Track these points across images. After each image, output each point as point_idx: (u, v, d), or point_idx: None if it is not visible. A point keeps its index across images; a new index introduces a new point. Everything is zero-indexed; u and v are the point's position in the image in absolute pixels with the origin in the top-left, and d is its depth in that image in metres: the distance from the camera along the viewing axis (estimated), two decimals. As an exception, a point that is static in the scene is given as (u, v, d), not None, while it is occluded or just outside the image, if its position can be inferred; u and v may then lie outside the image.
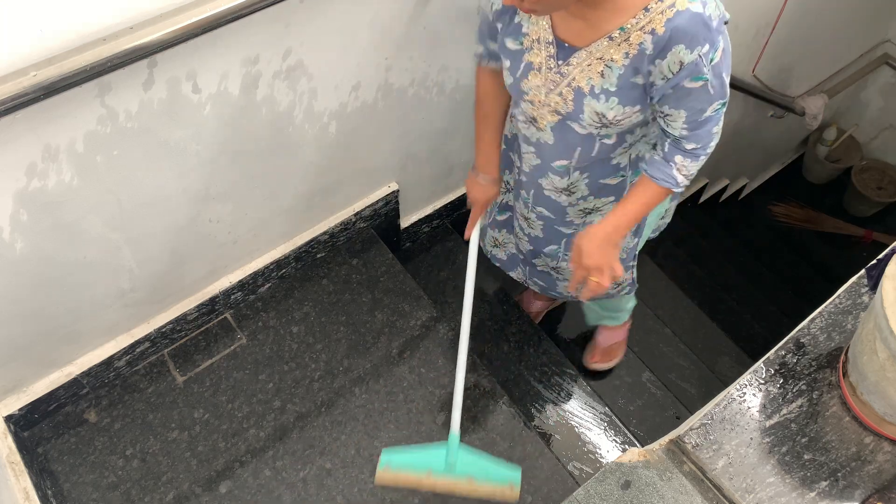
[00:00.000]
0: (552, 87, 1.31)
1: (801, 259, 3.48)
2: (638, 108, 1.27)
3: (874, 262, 1.31)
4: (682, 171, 1.33)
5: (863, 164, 3.73)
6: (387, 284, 2.05)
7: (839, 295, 1.31)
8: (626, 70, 1.21)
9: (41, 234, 1.36)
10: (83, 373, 1.72)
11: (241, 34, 1.31)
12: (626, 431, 2.05)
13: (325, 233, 2.00)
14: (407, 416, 1.83)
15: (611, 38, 1.20)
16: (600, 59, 1.22)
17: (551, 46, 1.27)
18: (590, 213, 1.59)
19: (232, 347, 1.90)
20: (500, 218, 1.87)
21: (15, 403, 1.67)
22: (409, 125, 1.88)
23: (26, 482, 1.57)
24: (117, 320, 1.72)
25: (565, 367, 2.15)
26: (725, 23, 1.18)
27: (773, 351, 1.25)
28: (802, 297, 2.10)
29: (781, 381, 1.21)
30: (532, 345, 2.17)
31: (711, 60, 1.16)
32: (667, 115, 1.26)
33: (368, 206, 2.04)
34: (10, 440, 1.63)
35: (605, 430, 2.04)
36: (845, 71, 3.41)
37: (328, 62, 1.51)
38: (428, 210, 2.28)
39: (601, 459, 1.98)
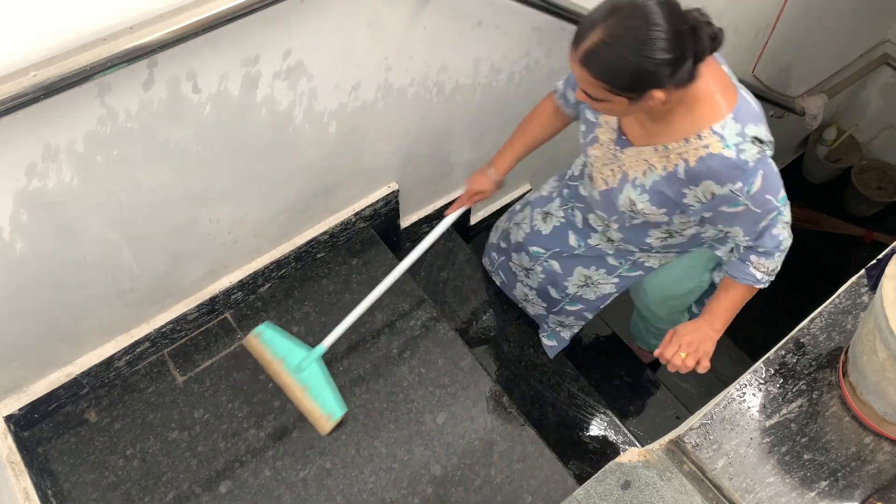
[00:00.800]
0: (607, 163, 1.49)
1: (800, 259, 3.47)
2: (664, 210, 1.43)
3: (874, 262, 1.31)
4: (760, 269, 1.44)
5: (863, 164, 3.73)
6: (387, 284, 2.04)
7: (839, 295, 1.31)
8: (661, 180, 1.38)
9: (41, 234, 1.36)
10: (83, 373, 1.72)
11: (241, 34, 1.31)
12: (626, 431, 2.05)
13: (325, 233, 2.00)
14: (407, 416, 1.83)
15: (656, 150, 1.36)
16: (645, 160, 1.40)
17: (614, 133, 1.45)
18: (609, 241, 1.73)
19: (232, 347, 1.90)
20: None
21: (15, 403, 1.67)
22: (409, 125, 1.88)
23: (26, 482, 1.57)
24: (117, 320, 1.72)
25: (565, 367, 2.15)
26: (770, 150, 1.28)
27: (773, 351, 1.25)
28: (802, 297, 2.10)
29: (781, 380, 1.21)
30: (532, 345, 2.17)
31: (748, 192, 1.28)
32: (726, 231, 1.42)
33: (368, 206, 2.04)
34: (10, 440, 1.63)
35: (605, 430, 2.04)
36: (845, 71, 3.41)
37: (328, 62, 1.51)
38: (428, 210, 2.28)
39: (601, 459, 1.99)
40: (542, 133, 1.71)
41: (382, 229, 2.16)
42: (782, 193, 1.34)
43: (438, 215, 2.32)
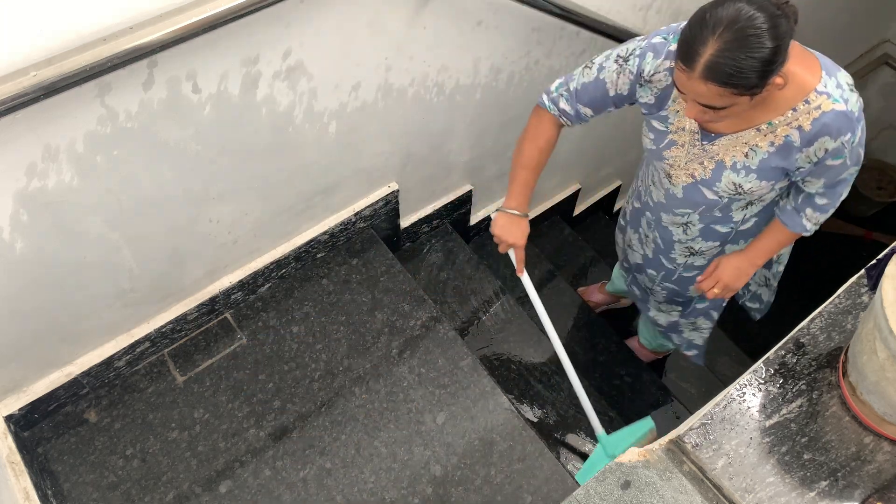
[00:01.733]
0: (693, 159, 1.51)
1: (800, 259, 3.48)
2: (773, 183, 1.47)
3: (874, 262, 1.31)
4: (812, 220, 1.53)
5: (862, 164, 3.73)
6: (387, 284, 2.05)
7: (839, 295, 1.31)
8: (770, 156, 1.41)
9: (41, 234, 1.36)
10: (83, 373, 1.72)
11: (241, 34, 1.31)
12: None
13: (325, 233, 2.00)
14: (407, 416, 1.83)
15: (758, 130, 1.39)
16: (746, 143, 1.42)
17: (696, 134, 1.47)
18: (693, 254, 1.78)
19: (232, 347, 1.90)
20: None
21: (15, 403, 1.67)
22: (409, 125, 1.88)
23: (26, 482, 1.57)
24: (117, 320, 1.72)
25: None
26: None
27: (772, 351, 1.25)
28: (802, 297, 2.10)
29: (781, 380, 1.21)
30: (532, 344, 2.17)
31: (852, 143, 1.36)
32: (807, 181, 1.46)
33: (368, 206, 2.04)
34: (10, 440, 1.63)
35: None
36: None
37: (328, 62, 1.51)
38: (428, 210, 2.28)
39: (601, 459, 1.98)
40: (548, 156, 1.68)
41: (382, 229, 2.16)
42: (863, 151, 1.43)
43: (438, 215, 2.32)
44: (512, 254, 1.74)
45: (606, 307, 2.66)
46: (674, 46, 1.38)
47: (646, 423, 1.96)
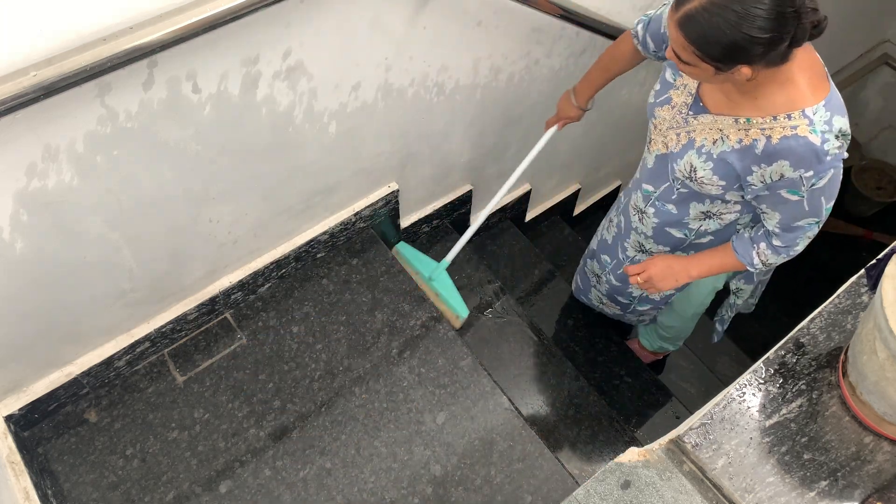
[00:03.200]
0: (673, 126, 1.49)
1: (800, 259, 3.48)
2: (723, 183, 1.44)
3: (874, 262, 1.31)
4: (761, 257, 1.51)
5: (863, 164, 3.73)
6: (387, 284, 2.05)
7: (839, 295, 1.31)
8: (732, 152, 1.38)
9: (41, 234, 1.36)
10: (83, 373, 1.72)
11: (241, 34, 1.31)
12: (626, 431, 2.05)
13: (325, 233, 2.00)
14: (407, 416, 1.83)
15: (736, 121, 1.37)
16: (720, 129, 1.40)
17: (690, 97, 1.45)
18: (643, 251, 1.79)
19: (232, 347, 1.90)
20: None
21: (15, 403, 1.67)
22: (409, 125, 1.88)
23: (26, 482, 1.57)
24: (117, 320, 1.72)
25: (565, 367, 2.15)
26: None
27: (772, 351, 1.25)
28: (802, 297, 2.10)
29: (781, 380, 1.21)
30: (532, 344, 2.18)
31: (813, 185, 1.32)
32: (763, 212, 1.44)
33: (368, 206, 2.04)
34: (10, 440, 1.63)
35: (605, 429, 2.04)
36: (845, 71, 3.41)
37: (328, 62, 1.51)
38: (428, 210, 2.28)
39: (601, 459, 1.99)
40: (620, 70, 1.75)
41: (382, 229, 2.16)
42: (831, 204, 1.38)
43: (438, 215, 2.32)
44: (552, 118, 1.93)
45: None
46: None
47: (461, 306, 2.09)
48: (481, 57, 1.83)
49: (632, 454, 1.15)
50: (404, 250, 2.18)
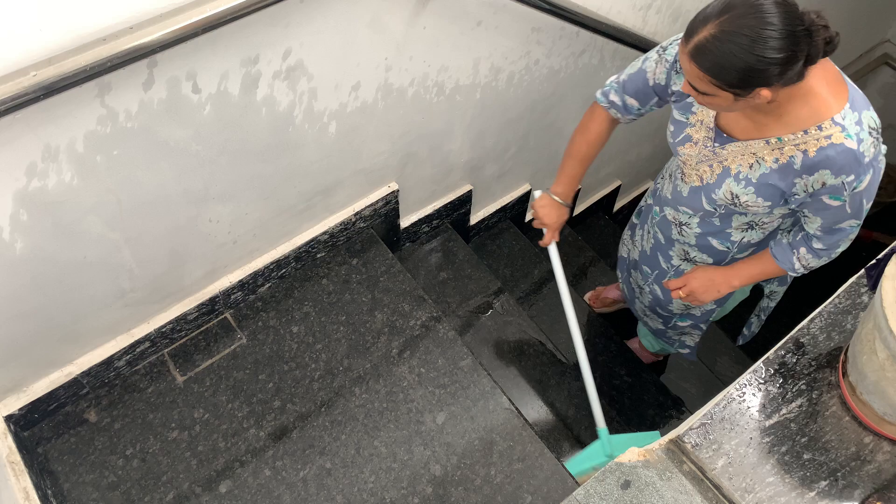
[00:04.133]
0: (703, 160, 1.49)
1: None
2: (769, 203, 1.43)
3: (874, 262, 1.31)
4: (802, 262, 1.50)
5: (862, 164, 3.73)
6: (387, 284, 2.05)
7: (839, 295, 1.31)
8: (771, 172, 1.38)
9: (41, 234, 1.36)
10: (83, 373, 1.72)
11: (241, 34, 1.31)
12: (626, 431, 2.05)
13: (325, 233, 2.00)
14: (407, 416, 1.83)
15: (767, 142, 1.36)
16: (753, 153, 1.39)
17: (711, 132, 1.45)
18: (687, 260, 1.75)
19: (232, 347, 1.90)
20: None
21: (15, 403, 1.67)
22: (409, 125, 1.88)
23: (26, 482, 1.57)
24: (117, 320, 1.72)
25: (565, 367, 2.15)
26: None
27: (772, 351, 1.25)
28: (802, 297, 2.10)
29: (781, 380, 1.21)
30: (532, 344, 2.18)
31: (854, 189, 1.32)
32: (806, 216, 1.43)
33: (368, 206, 2.04)
34: (10, 440, 1.63)
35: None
36: (845, 71, 3.41)
37: (328, 62, 1.51)
38: (428, 210, 2.28)
39: (601, 459, 1.98)
40: (598, 152, 1.72)
41: (382, 229, 2.16)
42: (870, 205, 1.39)
43: (438, 215, 2.32)
44: (546, 232, 1.83)
45: (615, 308, 2.65)
46: None
47: (653, 436, 1.94)
48: (481, 57, 1.83)
49: (632, 454, 1.15)
50: (573, 469, 1.86)
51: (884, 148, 1.34)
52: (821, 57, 1.22)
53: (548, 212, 1.78)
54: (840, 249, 1.48)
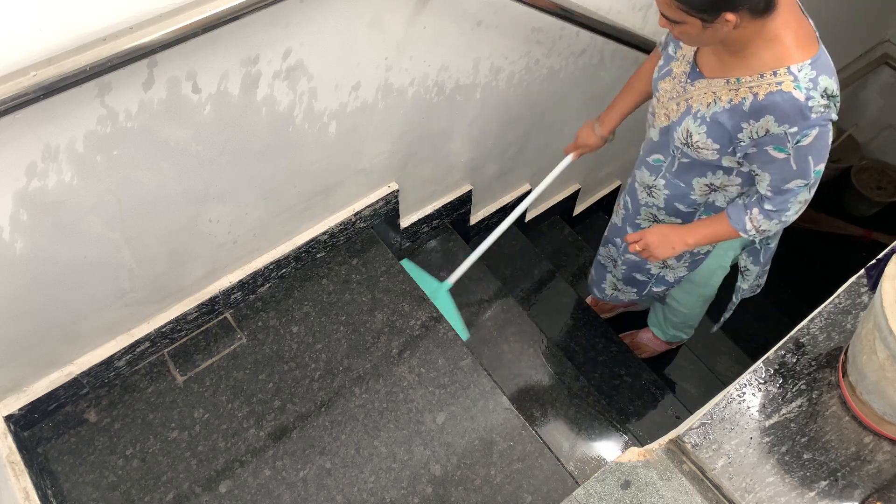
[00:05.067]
0: (674, 96, 1.54)
1: (800, 259, 3.48)
2: (717, 146, 1.48)
3: (874, 261, 1.31)
4: (754, 223, 1.54)
5: (862, 164, 3.73)
6: (387, 284, 2.05)
7: (839, 295, 1.31)
8: (723, 112, 1.43)
9: (41, 234, 1.36)
10: (83, 373, 1.73)
11: (241, 34, 1.31)
12: (626, 431, 2.05)
13: (325, 233, 2.00)
14: (407, 416, 1.83)
15: (727, 82, 1.41)
16: (713, 92, 1.44)
17: (688, 66, 1.51)
18: (656, 222, 1.81)
19: (232, 347, 1.90)
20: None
21: (15, 403, 1.67)
22: (409, 125, 1.88)
23: (26, 482, 1.57)
24: (117, 320, 1.72)
25: (565, 367, 2.15)
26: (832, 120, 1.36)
27: (772, 351, 1.25)
28: (802, 297, 2.10)
29: (781, 380, 1.21)
30: (532, 344, 2.18)
31: (797, 142, 1.36)
32: (755, 174, 1.48)
33: (368, 206, 2.04)
34: (10, 440, 1.63)
35: (605, 429, 2.04)
36: (845, 71, 3.41)
37: (328, 62, 1.51)
38: (428, 210, 2.28)
39: (601, 459, 1.99)
40: (649, 88, 1.75)
41: (382, 229, 2.16)
42: (821, 167, 1.42)
43: (438, 215, 2.32)
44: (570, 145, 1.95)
45: (615, 313, 2.66)
46: None
47: (462, 329, 2.12)
48: (481, 57, 1.83)
49: (632, 454, 1.15)
50: (407, 267, 2.17)
51: (834, 117, 1.36)
52: None
53: (583, 133, 1.90)
54: (790, 213, 1.51)
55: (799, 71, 1.32)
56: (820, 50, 1.36)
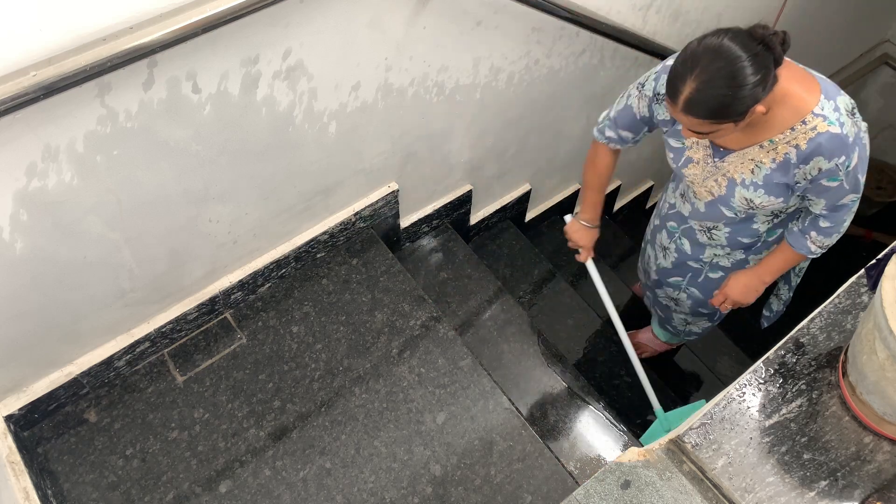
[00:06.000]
0: (708, 176, 1.62)
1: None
2: (781, 199, 1.55)
3: (874, 261, 1.31)
4: (816, 244, 1.63)
5: (862, 164, 3.73)
6: (387, 284, 2.05)
7: (839, 295, 1.31)
8: (772, 172, 1.50)
9: (41, 234, 1.36)
10: (83, 373, 1.73)
11: (241, 34, 1.31)
12: (626, 431, 2.05)
13: (325, 233, 2.00)
14: (407, 416, 1.83)
15: (761, 146, 1.49)
16: (752, 160, 1.52)
17: (708, 148, 1.57)
18: (720, 257, 1.87)
19: (232, 347, 1.90)
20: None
21: (15, 403, 1.67)
22: (409, 125, 1.88)
23: (26, 482, 1.57)
24: (117, 320, 1.72)
25: (565, 367, 2.15)
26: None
27: (772, 351, 1.25)
28: (802, 297, 2.10)
29: (781, 380, 1.21)
30: (532, 344, 2.17)
31: (848, 167, 1.44)
32: (810, 199, 1.55)
33: (368, 206, 2.04)
34: (10, 440, 1.63)
35: (605, 429, 2.04)
36: (845, 71, 3.41)
37: (328, 62, 1.51)
38: (428, 210, 2.28)
39: (601, 459, 1.99)
40: (610, 176, 1.87)
41: (382, 229, 2.16)
42: (864, 177, 1.50)
43: (438, 215, 2.32)
44: (581, 251, 2.02)
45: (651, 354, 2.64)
46: None
47: (700, 405, 2.05)
48: (481, 57, 1.83)
49: (632, 454, 1.15)
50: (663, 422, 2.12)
51: (864, 125, 1.43)
52: (782, 58, 1.34)
53: (580, 235, 1.97)
54: (846, 224, 1.59)
55: (822, 110, 1.39)
56: (819, 79, 1.43)
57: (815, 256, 1.68)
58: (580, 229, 1.97)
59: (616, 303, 2.25)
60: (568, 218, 2.02)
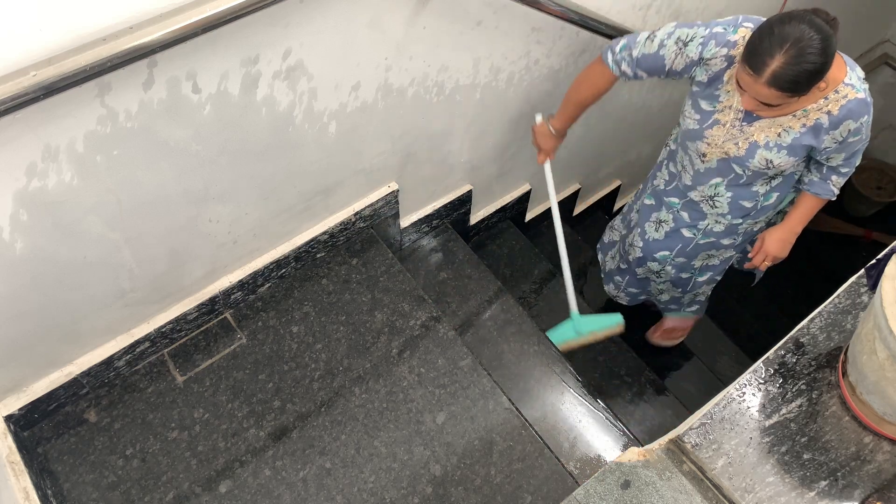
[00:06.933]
0: (729, 139, 1.72)
1: (800, 259, 3.49)
2: (796, 159, 1.69)
3: (874, 261, 1.31)
4: (836, 185, 1.78)
5: (862, 164, 3.73)
6: (386, 284, 2.05)
7: (839, 295, 1.31)
8: (801, 135, 1.64)
9: (41, 234, 1.36)
10: (83, 372, 1.73)
11: (241, 34, 1.31)
12: (626, 431, 2.05)
13: (324, 233, 2.00)
14: (407, 416, 1.83)
15: (794, 115, 1.62)
16: (780, 125, 1.65)
17: (740, 113, 1.67)
18: (715, 224, 1.95)
19: (232, 347, 1.90)
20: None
21: (15, 403, 1.67)
22: (409, 125, 1.88)
23: (26, 482, 1.57)
24: (117, 320, 1.72)
25: (565, 367, 2.15)
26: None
27: (772, 350, 1.25)
28: (802, 296, 2.10)
29: (781, 380, 1.21)
30: (532, 344, 2.17)
31: (867, 122, 1.62)
32: (831, 157, 1.69)
33: (368, 206, 2.04)
34: (10, 440, 1.63)
35: (605, 429, 2.04)
36: (845, 71, 3.40)
37: (328, 62, 1.51)
38: (428, 210, 2.28)
39: (601, 459, 1.98)
40: (596, 99, 1.91)
41: (382, 229, 2.16)
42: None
43: (438, 215, 2.32)
44: (540, 154, 2.11)
45: (679, 339, 2.68)
46: (732, 37, 1.60)
47: (615, 317, 2.21)
48: (481, 57, 1.83)
49: (632, 454, 1.15)
50: (552, 337, 2.21)
51: (867, 85, 1.62)
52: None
53: (545, 140, 2.05)
54: (858, 162, 1.74)
55: (850, 80, 1.57)
56: (840, 53, 1.57)
57: (835, 198, 1.82)
58: (547, 133, 2.03)
59: (615, 309, 2.29)
60: (538, 118, 2.04)
